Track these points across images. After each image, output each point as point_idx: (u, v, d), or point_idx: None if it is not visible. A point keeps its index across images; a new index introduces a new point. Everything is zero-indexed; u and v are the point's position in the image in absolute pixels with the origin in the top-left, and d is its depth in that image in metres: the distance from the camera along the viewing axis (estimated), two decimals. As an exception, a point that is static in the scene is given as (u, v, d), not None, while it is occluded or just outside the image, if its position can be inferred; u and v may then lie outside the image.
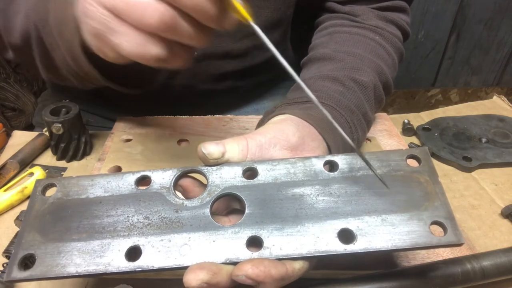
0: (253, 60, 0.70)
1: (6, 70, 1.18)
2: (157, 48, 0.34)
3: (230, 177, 0.36)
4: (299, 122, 0.43)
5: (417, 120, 0.72)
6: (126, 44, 0.34)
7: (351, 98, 0.51)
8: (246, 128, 0.64)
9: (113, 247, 0.33)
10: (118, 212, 0.35)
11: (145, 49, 0.33)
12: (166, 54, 0.34)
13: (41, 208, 0.35)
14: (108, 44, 0.35)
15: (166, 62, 0.35)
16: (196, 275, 0.29)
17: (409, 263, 0.43)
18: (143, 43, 0.33)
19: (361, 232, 0.33)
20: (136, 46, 0.33)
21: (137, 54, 0.34)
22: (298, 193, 0.35)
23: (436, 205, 0.34)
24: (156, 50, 0.34)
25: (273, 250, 0.32)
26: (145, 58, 0.34)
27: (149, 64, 0.35)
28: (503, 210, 0.52)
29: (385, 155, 0.37)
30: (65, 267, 0.32)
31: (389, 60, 0.60)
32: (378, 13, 0.63)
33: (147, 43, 0.33)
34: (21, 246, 0.33)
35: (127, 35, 0.33)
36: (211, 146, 0.36)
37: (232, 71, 0.69)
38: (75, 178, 0.37)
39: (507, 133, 0.66)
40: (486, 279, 0.40)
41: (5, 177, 0.56)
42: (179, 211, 0.34)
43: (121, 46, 0.34)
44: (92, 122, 0.75)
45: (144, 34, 0.33)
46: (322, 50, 0.59)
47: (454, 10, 1.55)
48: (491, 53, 1.70)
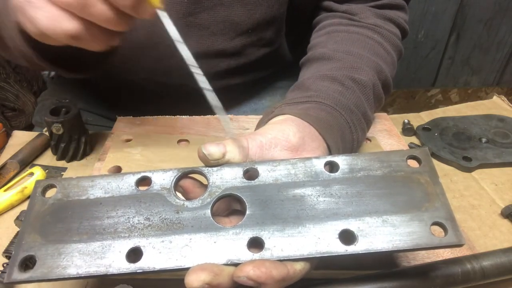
0: (248, 58, 0.70)
1: (6, 70, 1.17)
2: (70, 24, 0.34)
3: (230, 178, 0.36)
4: (299, 123, 0.43)
5: (417, 120, 0.72)
6: (42, 18, 0.35)
7: (351, 97, 0.51)
8: (246, 128, 0.64)
9: (114, 248, 0.33)
10: (119, 213, 0.35)
11: (59, 24, 0.34)
12: (79, 32, 0.35)
13: (41, 209, 0.35)
14: (27, 17, 0.36)
15: (80, 40, 0.36)
16: (198, 276, 0.29)
17: (409, 263, 0.43)
18: (56, 17, 0.34)
19: (362, 233, 0.33)
20: (51, 20, 0.34)
21: (51, 28, 0.35)
22: (299, 194, 0.35)
23: (437, 206, 0.34)
24: (68, 26, 0.35)
25: (274, 251, 0.32)
26: (58, 34, 0.35)
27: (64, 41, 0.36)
28: (503, 210, 0.53)
29: (386, 156, 0.37)
30: (66, 268, 0.32)
31: (388, 58, 0.60)
32: (376, 11, 0.63)
33: (61, 18, 0.34)
34: (21, 248, 0.33)
35: (43, 9, 0.34)
36: (212, 147, 0.36)
37: (226, 69, 0.69)
38: (75, 179, 0.37)
39: (507, 133, 0.66)
40: (486, 279, 0.40)
41: (5, 177, 0.56)
42: (180, 212, 0.34)
43: (37, 19, 0.35)
44: (92, 122, 0.75)
45: (59, 9, 0.34)
46: (321, 49, 0.59)
47: (454, 10, 1.55)
48: (491, 53, 1.70)
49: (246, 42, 0.66)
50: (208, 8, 0.60)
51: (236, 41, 0.66)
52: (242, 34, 0.65)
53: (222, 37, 0.64)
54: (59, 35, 0.35)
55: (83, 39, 0.36)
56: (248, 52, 0.69)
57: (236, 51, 0.67)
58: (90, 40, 0.37)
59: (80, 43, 0.37)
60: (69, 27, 0.35)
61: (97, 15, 0.34)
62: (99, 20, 0.35)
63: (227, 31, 0.63)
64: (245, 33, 0.65)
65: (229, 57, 0.68)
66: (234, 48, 0.66)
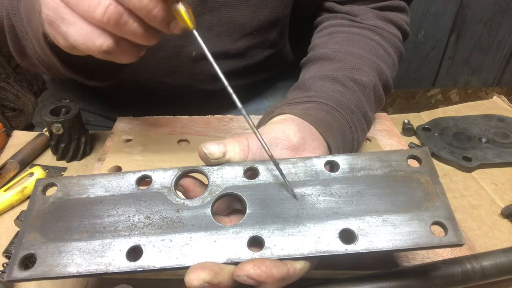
0: (251, 59, 0.70)
1: (6, 70, 1.17)
2: (102, 40, 0.35)
3: (231, 177, 0.36)
4: (299, 122, 0.43)
5: (417, 120, 0.72)
6: (74, 33, 0.35)
7: (351, 98, 0.51)
8: (246, 128, 0.64)
9: (114, 247, 0.33)
10: (119, 211, 0.35)
11: (91, 40, 0.35)
12: (110, 47, 0.35)
13: (42, 208, 0.35)
14: (58, 32, 0.36)
15: (111, 55, 0.36)
16: (198, 275, 0.29)
17: (409, 263, 0.43)
18: (89, 34, 0.35)
19: (362, 232, 0.33)
20: (83, 36, 0.35)
21: (83, 43, 0.35)
22: (299, 193, 0.35)
23: (437, 205, 0.34)
24: (101, 42, 0.35)
25: (274, 250, 0.32)
26: (90, 49, 0.36)
27: (95, 55, 0.37)
28: (503, 210, 0.53)
29: (386, 156, 0.37)
30: (66, 267, 0.32)
31: (389, 59, 0.60)
32: (377, 13, 0.63)
33: (93, 34, 0.35)
34: (21, 246, 0.33)
35: (76, 24, 0.35)
36: (212, 146, 0.36)
37: (230, 70, 0.69)
38: (76, 178, 0.37)
39: (507, 133, 0.66)
40: (486, 279, 0.40)
41: (5, 177, 0.56)
42: (180, 211, 0.34)
43: (69, 35, 0.35)
44: (92, 122, 0.75)
45: (91, 26, 0.35)
46: (322, 50, 0.59)
47: (454, 10, 1.55)
48: (491, 53, 1.70)
49: (250, 43, 0.66)
50: (212, 9, 0.61)
51: (240, 43, 0.66)
52: (246, 36, 0.65)
53: (226, 38, 0.64)
54: (92, 51, 0.36)
55: (115, 53, 0.36)
56: (252, 53, 0.69)
57: (240, 53, 0.67)
58: (121, 54, 0.37)
59: (111, 57, 0.37)
60: (102, 43, 0.35)
61: (130, 31, 0.35)
62: (131, 36, 0.35)
63: (231, 32, 0.64)
64: (249, 35, 0.65)
65: (233, 59, 0.68)
66: (238, 50, 0.66)
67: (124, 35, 0.35)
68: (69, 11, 0.35)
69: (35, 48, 0.48)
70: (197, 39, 0.35)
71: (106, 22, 0.33)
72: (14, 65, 1.18)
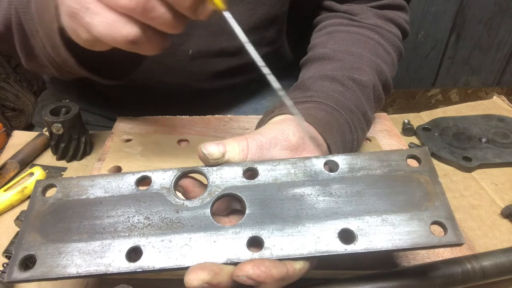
0: (249, 57, 0.70)
1: (6, 70, 1.17)
2: (129, 29, 0.34)
3: (230, 177, 0.36)
4: (299, 122, 0.43)
5: (417, 120, 0.72)
6: (99, 24, 0.34)
7: (351, 97, 0.51)
8: (246, 128, 0.64)
9: (114, 247, 0.33)
10: (119, 212, 0.35)
11: (117, 29, 0.34)
12: (138, 37, 0.34)
13: (42, 209, 0.35)
14: (81, 23, 0.35)
15: (137, 45, 0.35)
16: (197, 275, 0.29)
17: (409, 263, 0.43)
18: (115, 23, 0.33)
19: (361, 232, 0.33)
20: (109, 26, 0.34)
21: (108, 34, 0.34)
22: (299, 193, 0.35)
23: (436, 205, 0.34)
24: (127, 31, 0.34)
25: (273, 251, 0.32)
26: (115, 39, 0.34)
27: (121, 47, 0.35)
28: (503, 210, 0.53)
29: (386, 155, 0.37)
30: (66, 267, 0.32)
31: (388, 59, 0.60)
32: (377, 12, 0.63)
33: (119, 23, 0.33)
34: (21, 247, 0.33)
35: (101, 14, 0.33)
36: (212, 147, 0.36)
37: (228, 68, 0.69)
38: (75, 179, 0.37)
39: (507, 133, 0.66)
40: (486, 279, 0.40)
41: (5, 177, 0.56)
42: (180, 212, 0.34)
43: (93, 26, 0.34)
44: (92, 122, 0.75)
45: (117, 14, 0.33)
46: (321, 49, 0.59)
47: (454, 10, 1.55)
48: (491, 53, 1.70)
49: (248, 41, 0.66)
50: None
51: (237, 40, 0.65)
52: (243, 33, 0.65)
53: (224, 36, 0.64)
54: (118, 41, 0.34)
55: (141, 43, 0.35)
56: None
57: (237, 50, 0.67)
58: (147, 43, 0.36)
59: (137, 48, 0.36)
60: (129, 32, 0.34)
61: (157, 18, 0.34)
62: (159, 23, 0.34)
63: (229, 30, 0.63)
64: (247, 32, 0.65)
65: (231, 56, 0.68)
66: (235, 47, 0.66)
67: (150, 22, 0.34)
68: (93, 1, 0.33)
69: (46, 47, 0.46)
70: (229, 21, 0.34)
71: (133, 8, 0.32)
72: (14, 65, 1.18)
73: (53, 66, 0.50)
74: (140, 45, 0.35)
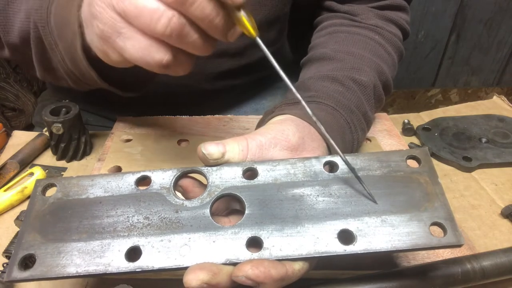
0: (250, 58, 0.70)
1: (6, 70, 1.18)
2: (161, 54, 0.34)
3: (230, 177, 0.36)
4: (299, 123, 0.43)
5: (417, 120, 0.72)
6: (132, 48, 0.34)
7: (351, 98, 0.51)
8: (246, 128, 0.64)
9: (113, 247, 0.33)
10: (118, 212, 0.35)
11: (150, 54, 0.34)
12: (169, 61, 0.35)
13: (41, 208, 0.35)
14: (114, 47, 0.35)
15: (168, 68, 0.36)
16: (196, 275, 0.29)
17: (409, 263, 0.43)
18: (148, 48, 0.34)
19: (361, 233, 0.33)
20: (141, 50, 0.34)
21: (141, 58, 0.34)
22: (298, 194, 0.35)
23: (436, 206, 0.34)
24: (160, 56, 0.34)
25: (273, 251, 0.32)
26: (148, 64, 0.35)
27: (152, 70, 0.36)
28: (503, 210, 0.52)
29: (385, 156, 0.37)
30: (65, 267, 0.32)
31: (389, 59, 0.60)
32: (378, 12, 0.63)
33: (152, 48, 0.34)
34: (21, 246, 0.33)
35: (134, 39, 0.34)
36: (211, 147, 0.36)
37: (229, 69, 0.69)
38: (75, 178, 0.37)
39: (507, 133, 0.66)
40: (486, 279, 0.40)
41: (5, 177, 0.56)
42: (179, 212, 0.34)
43: (126, 50, 0.34)
44: (92, 122, 0.75)
45: (150, 39, 0.33)
46: (322, 50, 0.59)
47: (454, 10, 1.55)
48: (491, 53, 1.70)
49: (249, 42, 0.66)
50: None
51: (238, 42, 0.65)
52: (244, 35, 0.65)
53: None
54: (151, 65, 0.35)
55: (173, 66, 0.35)
56: (251, 52, 0.69)
57: (239, 51, 0.67)
58: (178, 66, 0.36)
59: (168, 71, 0.36)
60: (162, 58, 0.34)
61: (190, 43, 0.34)
62: (191, 47, 0.34)
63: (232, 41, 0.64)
64: None
65: (232, 57, 0.68)
66: (236, 48, 0.66)
67: (183, 47, 0.34)
68: (126, 25, 0.33)
69: (65, 60, 0.47)
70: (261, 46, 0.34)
71: (169, 35, 0.32)
72: (14, 65, 1.18)
73: (70, 78, 0.50)
74: (172, 68, 0.36)
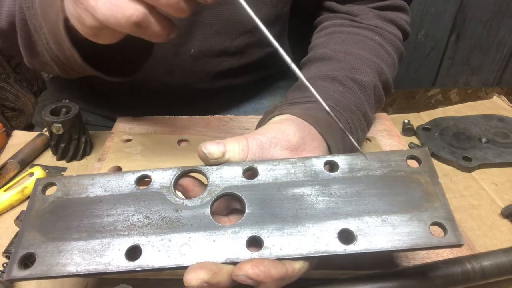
0: (250, 57, 0.70)
1: (6, 70, 1.18)
2: (133, 9, 0.33)
3: (230, 177, 0.36)
4: (299, 122, 0.43)
5: (417, 120, 0.72)
6: (103, 6, 0.34)
7: (351, 98, 0.51)
8: (246, 128, 0.64)
9: (113, 246, 0.33)
10: (118, 211, 0.35)
11: (121, 10, 0.33)
12: (142, 18, 0.34)
13: (42, 207, 0.35)
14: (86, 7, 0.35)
15: (142, 28, 0.35)
16: (196, 274, 0.29)
17: (409, 263, 0.43)
18: (119, 3, 0.33)
19: (361, 233, 0.33)
20: (112, 7, 0.33)
21: (112, 16, 0.34)
22: (298, 193, 0.35)
23: (436, 206, 0.34)
24: (131, 11, 0.33)
25: (273, 250, 0.32)
26: (119, 22, 0.34)
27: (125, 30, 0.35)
28: (503, 210, 0.52)
29: (386, 156, 0.37)
30: (65, 266, 0.32)
31: (389, 60, 0.60)
32: (378, 13, 0.63)
33: (123, 3, 0.33)
34: (21, 245, 0.33)
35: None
36: (212, 146, 0.36)
37: (229, 68, 0.69)
38: (76, 177, 0.37)
39: (507, 133, 0.66)
40: (486, 279, 0.40)
41: (5, 177, 0.56)
42: (179, 211, 0.34)
43: (97, 8, 0.34)
44: (92, 122, 0.75)
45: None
46: (322, 50, 0.59)
47: (454, 10, 1.55)
48: (491, 53, 1.70)
49: (249, 41, 0.66)
50: (211, 6, 0.60)
51: (239, 40, 0.66)
52: (245, 33, 0.65)
53: (225, 36, 0.64)
54: (122, 23, 0.34)
55: (146, 26, 0.34)
56: (251, 51, 0.69)
57: (239, 50, 0.67)
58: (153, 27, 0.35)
59: (142, 32, 0.35)
60: (133, 13, 0.33)
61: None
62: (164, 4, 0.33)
63: (231, 30, 0.63)
64: (248, 32, 0.65)
65: (232, 56, 0.68)
66: (237, 47, 0.66)
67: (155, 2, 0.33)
68: None
69: (49, 43, 0.46)
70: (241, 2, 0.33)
71: None
72: (14, 65, 1.18)
73: (56, 63, 0.49)
74: (146, 29, 0.35)
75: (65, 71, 0.51)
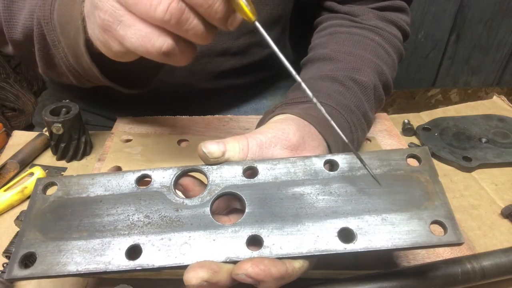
0: (252, 58, 0.70)
1: (6, 70, 1.18)
2: (162, 41, 0.34)
3: (230, 176, 0.36)
4: (299, 122, 0.43)
5: (417, 120, 0.72)
6: (132, 36, 0.34)
7: (351, 98, 0.51)
8: (246, 128, 0.64)
9: (114, 245, 0.33)
10: (119, 211, 0.35)
11: (150, 41, 0.34)
12: (170, 48, 0.34)
13: (42, 207, 0.35)
14: (114, 36, 0.35)
15: (169, 57, 0.35)
16: (197, 273, 0.29)
17: (409, 263, 0.43)
18: (148, 35, 0.34)
19: (361, 232, 0.33)
20: (142, 38, 0.34)
21: (141, 46, 0.34)
22: (298, 192, 0.35)
23: (436, 204, 0.34)
24: (161, 43, 0.34)
25: (273, 249, 0.32)
26: (149, 51, 0.34)
27: (153, 58, 0.35)
28: (503, 210, 0.52)
29: (386, 155, 0.37)
30: (66, 265, 0.32)
31: (389, 60, 0.60)
32: (378, 13, 0.63)
33: (152, 35, 0.34)
34: (21, 245, 0.33)
35: (134, 26, 0.34)
36: (212, 145, 0.36)
37: (230, 68, 0.69)
38: (76, 177, 0.37)
39: (507, 133, 0.66)
40: (486, 279, 0.40)
41: (5, 177, 0.56)
42: (180, 210, 0.35)
43: (127, 38, 0.34)
44: (92, 122, 0.75)
45: (150, 27, 0.34)
46: (322, 50, 0.59)
47: (454, 10, 1.55)
48: (491, 53, 1.71)
49: (251, 41, 0.66)
50: None
51: (240, 41, 0.66)
52: (247, 34, 0.65)
53: (227, 36, 0.64)
54: (151, 53, 0.35)
55: (173, 54, 0.35)
56: (252, 51, 0.69)
57: (241, 51, 0.67)
58: (179, 55, 0.36)
59: (169, 60, 0.36)
60: (162, 44, 0.34)
61: (190, 30, 0.34)
62: (191, 34, 0.34)
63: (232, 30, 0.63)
64: (250, 33, 0.65)
65: (234, 56, 0.68)
66: (238, 48, 0.66)
67: (184, 34, 0.34)
68: (126, 13, 0.33)
69: (67, 56, 0.47)
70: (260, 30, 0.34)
71: (168, 21, 0.32)
72: (14, 65, 1.18)
73: (73, 75, 0.50)
74: (173, 57, 0.36)
75: (81, 82, 0.52)
